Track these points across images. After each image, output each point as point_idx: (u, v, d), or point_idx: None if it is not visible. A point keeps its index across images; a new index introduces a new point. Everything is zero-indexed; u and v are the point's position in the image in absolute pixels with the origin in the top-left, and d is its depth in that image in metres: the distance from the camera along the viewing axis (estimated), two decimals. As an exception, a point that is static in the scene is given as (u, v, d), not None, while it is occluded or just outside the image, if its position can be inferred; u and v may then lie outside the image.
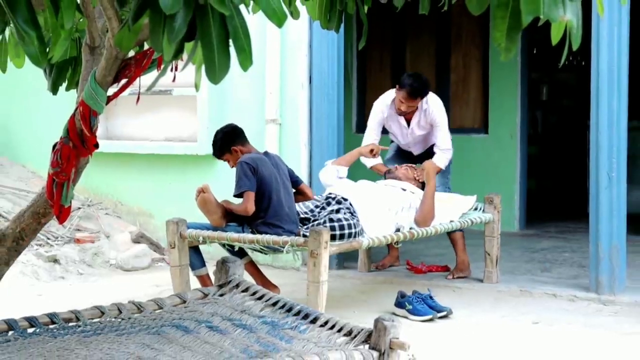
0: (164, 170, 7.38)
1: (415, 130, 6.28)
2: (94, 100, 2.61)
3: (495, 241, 6.07)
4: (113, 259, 6.85)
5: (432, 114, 6.16)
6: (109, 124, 7.68)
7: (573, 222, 9.10)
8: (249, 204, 5.01)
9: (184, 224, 5.10)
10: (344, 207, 5.26)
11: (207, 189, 5.06)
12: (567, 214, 9.68)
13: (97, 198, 7.73)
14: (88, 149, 2.71)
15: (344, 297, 5.74)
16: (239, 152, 5.20)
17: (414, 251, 7.25)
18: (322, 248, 4.59)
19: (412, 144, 6.43)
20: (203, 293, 3.14)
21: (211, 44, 1.92)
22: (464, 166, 8.30)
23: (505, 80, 8.65)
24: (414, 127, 6.27)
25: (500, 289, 5.93)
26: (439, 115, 6.17)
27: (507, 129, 8.68)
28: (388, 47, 9.42)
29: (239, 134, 5.26)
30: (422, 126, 6.25)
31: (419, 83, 5.99)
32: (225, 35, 1.93)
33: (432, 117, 6.16)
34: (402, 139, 6.39)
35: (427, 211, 5.59)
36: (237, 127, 5.30)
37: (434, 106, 6.17)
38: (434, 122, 6.18)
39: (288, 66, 6.81)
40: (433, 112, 6.16)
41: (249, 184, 4.98)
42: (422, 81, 6.02)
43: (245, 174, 4.99)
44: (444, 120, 6.19)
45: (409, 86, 5.97)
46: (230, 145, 5.21)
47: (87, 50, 2.73)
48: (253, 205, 5.03)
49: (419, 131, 6.28)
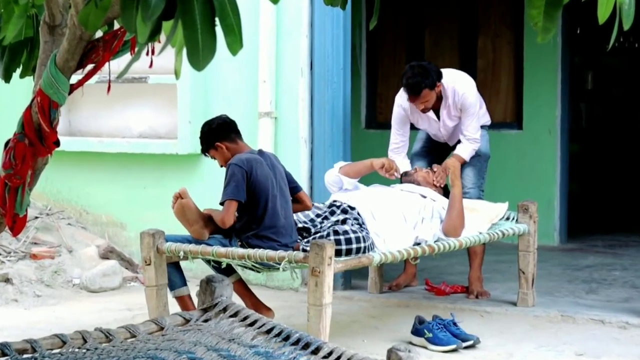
0: (138, 172, 7.38)
1: (447, 122, 6.26)
2: (55, 90, 2.61)
3: (531, 257, 6.06)
4: (77, 278, 6.84)
5: (462, 97, 6.11)
6: (72, 118, 7.68)
7: (624, 234, 9.08)
8: (227, 216, 4.99)
9: (161, 236, 5.10)
10: (351, 217, 5.25)
11: (186, 194, 5.06)
12: (617, 224, 9.66)
13: (58, 205, 7.73)
14: (47, 147, 2.70)
15: (351, 323, 5.73)
16: (225, 149, 5.19)
17: (434, 269, 7.24)
18: (326, 265, 4.58)
19: (447, 137, 6.42)
20: (184, 318, 3.13)
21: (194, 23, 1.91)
22: (494, 168, 8.29)
23: (542, 66, 8.64)
24: (445, 120, 6.24)
25: (537, 313, 5.92)
26: (469, 96, 6.12)
27: (544, 124, 8.68)
28: (403, 27, 9.42)
29: (227, 127, 5.26)
30: (454, 115, 6.22)
31: (416, 75, 5.91)
32: (210, 12, 1.93)
33: (461, 101, 6.13)
34: (436, 133, 6.39)
35: (456, 217, 5.58)
36: (227, 120, 5.30)
37: (461, 87, 6.12)
38: (464, 107, 6.14)
39: (285, 49, 6.81)
40: (462, 94, 6.10)
41: (234, 191, 4.97)
42: (421, 70, 5.93)
43: (234, 178, 4.99)
44: (473, 102, 6.15)
45: (405, 85, 5.96)
46: (215, 139, 5.21)
47: (46, 29, 2.73)
48: (232, 217, 5.02)
49: (451, 122, 6.26)
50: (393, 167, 5.74)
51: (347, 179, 5.78)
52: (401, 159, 6.31)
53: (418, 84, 5.93)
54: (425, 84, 5.95)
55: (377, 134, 9.34)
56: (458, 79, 6.16)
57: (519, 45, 8.81)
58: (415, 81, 5.92)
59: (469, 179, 6.29)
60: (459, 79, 6.16)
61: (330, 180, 5.84)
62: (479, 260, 6.35)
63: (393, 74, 9.10)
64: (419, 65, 6.01)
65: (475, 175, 6.31)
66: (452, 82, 6.12)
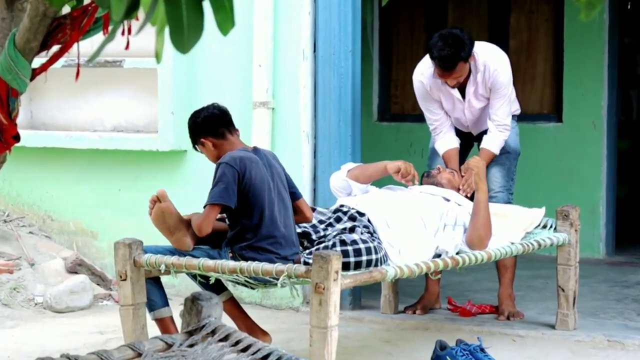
0: (112, 172, 7.39)
1: (473, 103, 6.22)
2: (14, 75, 2.62)
3: (573, 272, 6.06)
4: (40, 295, 6.85)
5: (493, 74, 6.07)
6: (34, 108, 7.69)
7: (681, 245, 9.09)
8: (205, 221, 4.97)
9: (139, 246, 5.10)
10: (360, 224, 5.26)
11: (164, 197, 5.06)
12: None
13: (18, 211, 7.74)
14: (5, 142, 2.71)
15: (361, 349, 5.74)
16: (211, 145, 5.20)
17: (458, 285, 7.24)
18: (331, 280, 4.58)
19: (472, 123, 6.39)
20: (166, 343, 3.13)
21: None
22: (529, 166, 8.29)
23: (586, 47, 8.64)
24: (471, 99, 6.20)
25: (579, 338, 5.92)
26: (502, 74, 6.09)
27: (588, 116, 8.68)
28: (423, 4, 9.43)
29: (215, 120, 5.26)
30: (482, 95, 6.18)
31: (449, 46, 5.86)
32: (196, -16, 1.94)
33: (492, 78, 6.09)
34: (459, 117, 6.34)
35: (481, 227, 5.56)
36: (215, 112, 5.30)
37: (493, 62, 6.07)
38: (494, 87, 6.11)
39: (284, 29, 6.82)
40: (493, 71, 6.06)
41: (220, 194, 4.96)
42: (455, 40, 5.88)
43: (223, 179, 4.98)
44: (506, 82, 6.12)
45: (438, 56, 5.88)
46: (200, 134, 5.22)
47: (4, 3, 2.74)
48: (211, 224, 4.99)
49: (478, 103, 6.23)
50: (411, 172, 5.67)
51: (357, 184, 5.75)
52: (447, 139, 6.25)
53: (453, 57, 5.88)
54: (461, 58, 5.91)
55: (392, 128, 9.36)
56: (490, 53, 6.12)
57: (558, 24, 8.82)
58: (450, 53, 5.87)
59: (496, 181, 6.27)
60: (491, 53, 6.12)
61: (337, 186, 5.83)
62: (510, 276, 6.34)
63: (410, 57, 9.10)
64: (451, 35, 5.94)
65: (504, 177, 6.29)
66: (484, 55, 6.09)
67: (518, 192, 6.66)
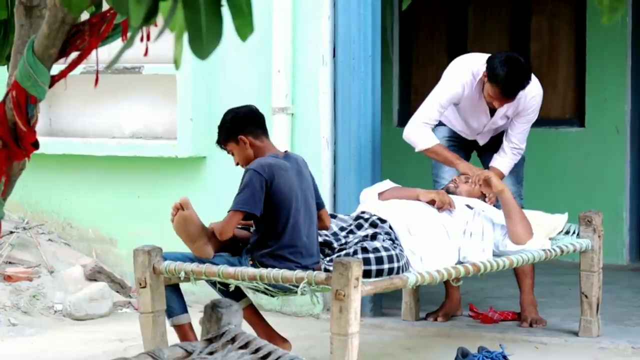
0: (131, 179, 7.40)
1: (498, 121, 6.24)
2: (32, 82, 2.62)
3: (596, 278, 6.04)
4: (59, 303, 6.87)
5: (529, 100, 6.06)
6: (53, 115, 7.72)
7: None
8: (226, 226, 4.99)
9: (158, 254, 5.11)
10: (381, 231, 5.25)
11: (187, 205, 5.07)
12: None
13: (37, 218, 7.76)
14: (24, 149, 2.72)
15: (382, 356, 5.73)
16: (248, 145, 5.19)
17: (480, 292, 7.22)
18: (352, 287, 4.58)
19: (483, 134, 6.41)
20: (185, 350, 3.14)
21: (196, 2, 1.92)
22: (550, 172, 8.27)
23: (608, 51, 8.62)
24: (498, 119, 6.22)
25: (603, 345, 5.91)
26: (538, 102, 6.11)
27: (611, 120, 8.65)
28: (443, 8, 9.41)
29: (256, 120, 5.27)
30: (508, 116, 6.20)
31: (518, 75, 5.79)
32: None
33: (526, 103, 6.07)
34: (477, 127, 6.32)
35: (520, 220, 5.66)
36: (256, 112, 5.33)
37: (533, 88, 6.04)
38: (525, 112, 6.11)
39: (303, 34, 6.82)
40: (530, 98, 6.05)
41: (245, 201, 4.97)
42: (522, 70, 5.82)
43: (249, 186, 4.99)
44: (537, 109, 6.16)
45: (504, 82, 5.77)
46: (239, 131, 5.20)
47: (22, 11, 2.74)
48: (231, 231, 5.02)
49: (502, 122, 6.25)
50: (446, 202, 5.62)
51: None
52: (429, 133, 6.18)
53: (517, 86, 5.84)
54: (522, 88, 5.89)
55: (413, 133, 9.33)
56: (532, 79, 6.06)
57: (580, 27, 8.79)
58: (517, 83, 5.81)
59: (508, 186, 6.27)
60: (532, 79, 6.06)
61: (366, 197, 5.85)
62: (530, 281, 6.31)
63: (430, 61, 9.09)
64: (521, 63, 5.86)
65: (514, 183, 6.28)
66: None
67: (540, 198, 6.67)
